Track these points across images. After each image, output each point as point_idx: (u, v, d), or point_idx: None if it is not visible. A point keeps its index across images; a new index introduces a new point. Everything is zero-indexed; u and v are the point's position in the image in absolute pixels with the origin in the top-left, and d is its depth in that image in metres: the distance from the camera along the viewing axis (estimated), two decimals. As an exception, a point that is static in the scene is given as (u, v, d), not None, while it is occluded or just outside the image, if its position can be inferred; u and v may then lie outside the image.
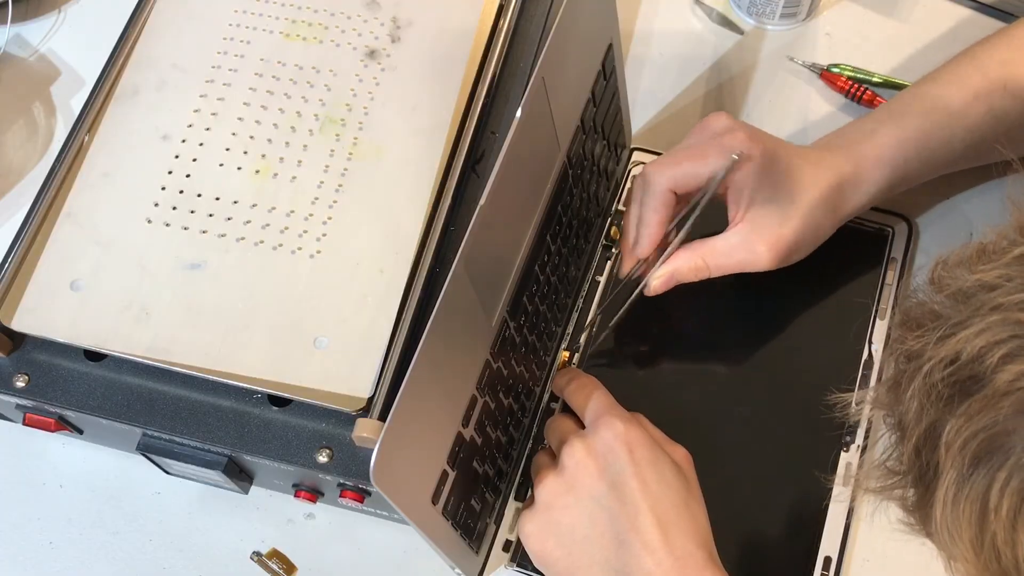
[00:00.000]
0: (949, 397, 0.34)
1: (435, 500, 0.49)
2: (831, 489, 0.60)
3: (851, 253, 0.63)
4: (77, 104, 0.75)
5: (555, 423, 0.58)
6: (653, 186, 0.56)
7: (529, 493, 0.60)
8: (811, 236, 0.58)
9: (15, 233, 0.56)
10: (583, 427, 0.55)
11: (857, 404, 0.42)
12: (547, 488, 0.53)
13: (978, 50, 0.60)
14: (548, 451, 0.58)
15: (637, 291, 0.59)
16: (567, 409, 0.59)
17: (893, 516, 0.40)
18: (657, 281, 0.58)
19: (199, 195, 0.57)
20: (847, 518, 0.59)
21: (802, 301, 0.64)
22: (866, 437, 0.60)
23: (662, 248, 0.58)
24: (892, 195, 0.61)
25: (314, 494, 0.58)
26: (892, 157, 0.58)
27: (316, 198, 0.57)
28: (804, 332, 0.64)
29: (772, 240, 0.56)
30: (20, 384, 0.54)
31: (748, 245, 0.56)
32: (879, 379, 0.42)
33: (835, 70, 0.73)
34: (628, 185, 0.70)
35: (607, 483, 0.51)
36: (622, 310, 0.61)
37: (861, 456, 0.58)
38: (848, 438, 0.60)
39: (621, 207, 0.69)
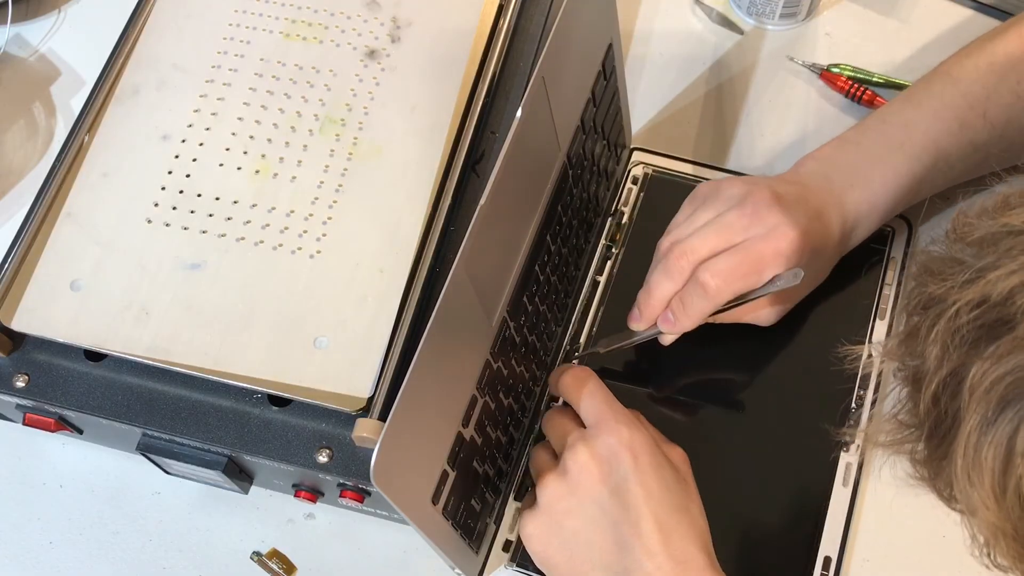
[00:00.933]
0: (975, 340, 0.34)
1: (435, 500, 0.49)
2: (831, 489, 0.60)
3: (851, 253, 0.63)
4: (77, 104, 0.75)
5: (554, 418, 0.57)
6: (714, 298, 0.54)
7: (529, 491, 0.60)
8: (812, 287, 0.61)
9: (15, 233, 0.56)
10: (581, 423, 0.55)
11: (868, 356, 0.42)
12: (550, 490, 0.53)
13: (960, 72, 0.60)
14: (547, 447, 0.57)
15: (644, 338, 0.59)
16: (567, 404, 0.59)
17: (893, 516, 0.40)
18: (672, 339, 0.59)
19: (199, 195, 0.57)
20: (847, 518, 0.59)
21: (802, 302, 0.64)
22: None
23: None
24: None
25: (314, 494, 0.58)
26: (885, 203, 0.60)
27: (316, 198, 0.57)
28: (804, 333, 0.64)
29: (779, 309, 0.60)
30: (20, 384, 0.54)
31: (755, 310, 0.59)
32: (888, 335, 0.41)
33: (835, 70, 0.73)
34: (628, 185, 0.69)
35: (610, 488, 0.51)
36: (622, 344, 0.61)
37: (869, 415, 0.57)
38: (848, 438, 0.60)
39: (622, 207, 0.69)
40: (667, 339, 0.59)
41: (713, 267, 0.54)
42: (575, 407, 0.56)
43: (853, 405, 0.55)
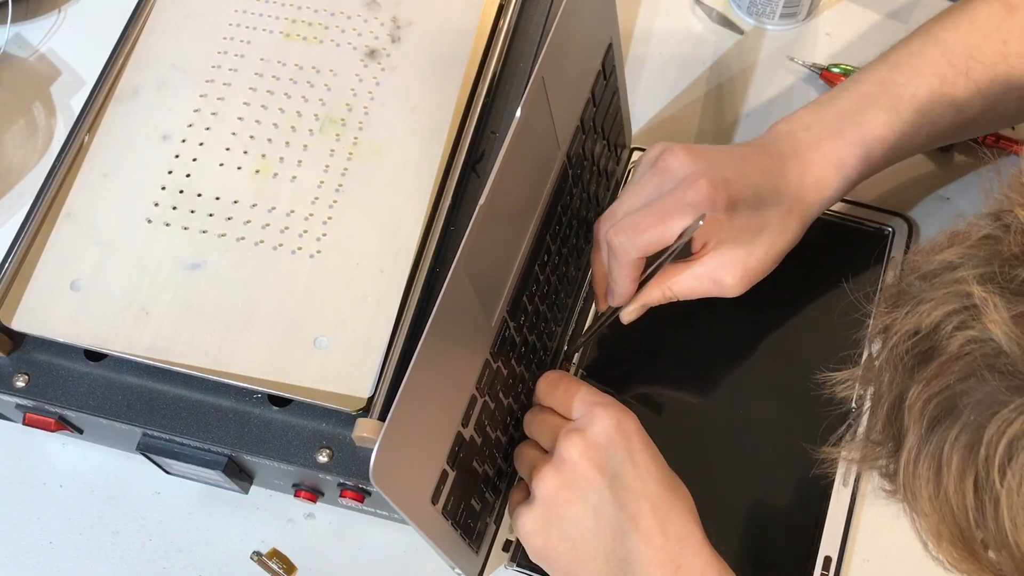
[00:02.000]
0: (912, 367, 0.37)
1: (435, 500, 0.49)
2: (831, 489, 0.60)
3: (851, 252, 0.63)
4: (77, 104, 0.75)
5: (537, 416, 0.57)
6: (622, 253, 0.54)
7: (514, 488, 0.59)
8: (778, 255, 0.57)
9: (15, 233, 0.56)
10: (564, 419, 0.55)
11: (843, 383, 0.44)
12: (548, 483, 0.53)
13: (940, 32, 0.58)
14: (532, 444, 0.57)
15: (609, 319, 0.59)
16: None
17: (893, 516, 0.41)
18: (629, 316, 0.58)
19: (199, 195, 0.57)
20: (847, 518, 0.59)
21: (801, 302, 0.64)
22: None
23: None
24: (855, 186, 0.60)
25: (314, 494, 0.58)
26: (855, 160, 0.57)
27: (316, 198, 0.57)
28: (803, 333, 0.64)
29: (739, 273, 0.56)
30: (20, 384, 0.54)
31: (714, 277, 0.56)
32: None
33: (835, 70, 0.73)
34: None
35: (609, 475, 0.51)
36: (593, 332, 0.62)
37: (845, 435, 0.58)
38: (848, 439, 0.60)
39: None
40: (627, 316, 0.58)
41: (617, 224, 0.54)
42: (559, 404, 0.56)
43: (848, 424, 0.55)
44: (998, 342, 0.34)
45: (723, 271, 0.55)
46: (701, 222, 0.51)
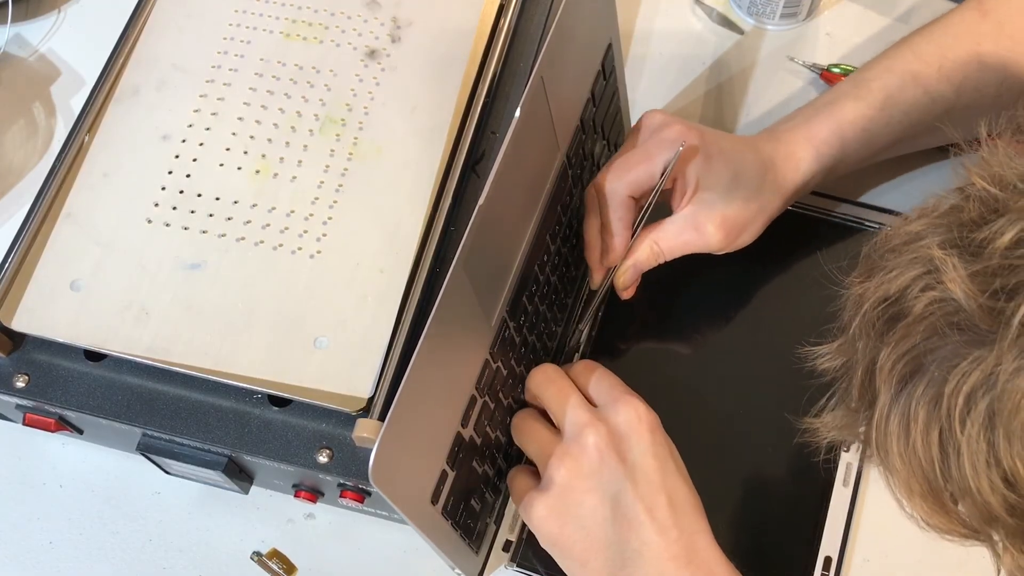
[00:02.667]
0: (882, 331, 0.39)
1: (435, 500, 0.49)
2: (831, 489, 0.60)
3: (852, 253, 0.63)
4: (77, 104, 0.75)
5: (556, 389, 0.56)
6: (613, 196, 0.58)
7: (516, 470, 0.58)
8: (757, 215, 0.59)
9: (15, 233, 0.56)
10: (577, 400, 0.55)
11: (824, 356, 0.46)
12: (566, 469, 0.52)
13: (915, 37, 0.62)
14: (536, 415, 0.56)
15: (606, 291, 0.60)
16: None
17: (893, 516, 0.42)
18: (624, 277, 0.59)
19: (199, 195, 0.57)
20: (847, 518, 0.59)
21: (799, 300, 0.64)
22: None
23: None
24: (837, 176, 0.63)
25: (314, 494, 0.58)
26: (827, 137, 0.60)
27: (316, 198, 0.57)
28: (800, 331, 0.63)
29: (718, 220, 0.58)
30: (20, 384, 0.54)
31: (696, 225, 0.58)
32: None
33: (836, 70, 0.73)
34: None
35: (630, 465, 0.52)
36: (593, 308, 0.62)
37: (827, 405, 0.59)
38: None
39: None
40: (620, 280, 0.59)
41: (605, 170, 0.58)
42: (584, 385, 0.56)
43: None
44: (958, 300, 0.36)
45: (703, 218, 0.58)
46: (681, 148, 0.55)
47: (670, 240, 0.59)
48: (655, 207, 0.58)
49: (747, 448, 0.61)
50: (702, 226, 0.58)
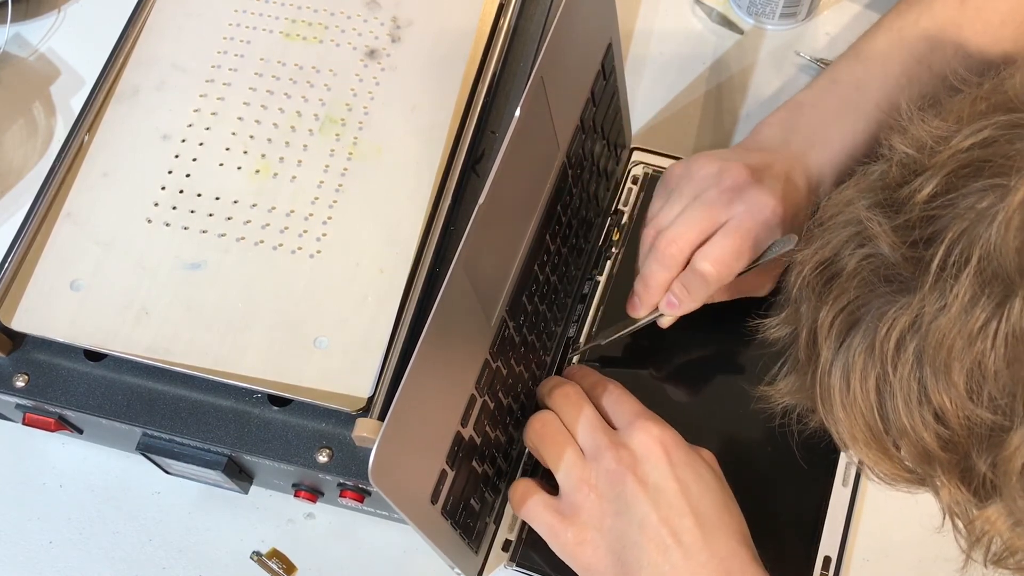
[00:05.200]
0: (820, 293, 0.42)
1: (434, 500, 0.49)
2: (831, 489, 0.60)
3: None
4: (77, 104, 0.75)
5: (576, 411, 0.56)
6: (715, 282, 0.56)
7: (523, 481, 0.57)
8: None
9: (15, 233, 0.56)
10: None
11: (773, 326, 0.48)
12: (593, 496, 0.53)
13: (900, 24, 0.61)
14: (565, 432, 0.56)
15: (644, 324, 0.60)
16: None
17: (893, 516, 0.42)
18: (670, 320, 0.59)
19: (199, 195, 0.57)
20: (847, 518, 0.59)
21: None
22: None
23: None
24: None
25: (314, 494, 0.58)
26: (844, 161, 0.60)
27: (316, 198, 0.57)
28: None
29: (773, 275, 0.60)
30: (20, 384, 0.54)
31: (757, 281, 0.60)
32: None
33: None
34: (628, 185, 0.69)
35: (651, 489, 0.52)
36: (622, 333, 0.61)
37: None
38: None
39: (622, 207, 0.69)
40: (665, 321, 0.59)
41: (710, 255, 0.55)
42: (604, 409, 0.57)
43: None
44: (884, 253, 0.39)
45: (765, 275, 0.60)
46: (791, 244, 0.54)
47: (723, 294, 0.59)
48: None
49: (747, 448, 0.61)
50: (757, 284, 0.60)
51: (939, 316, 0.36)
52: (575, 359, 0.64)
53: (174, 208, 0.57)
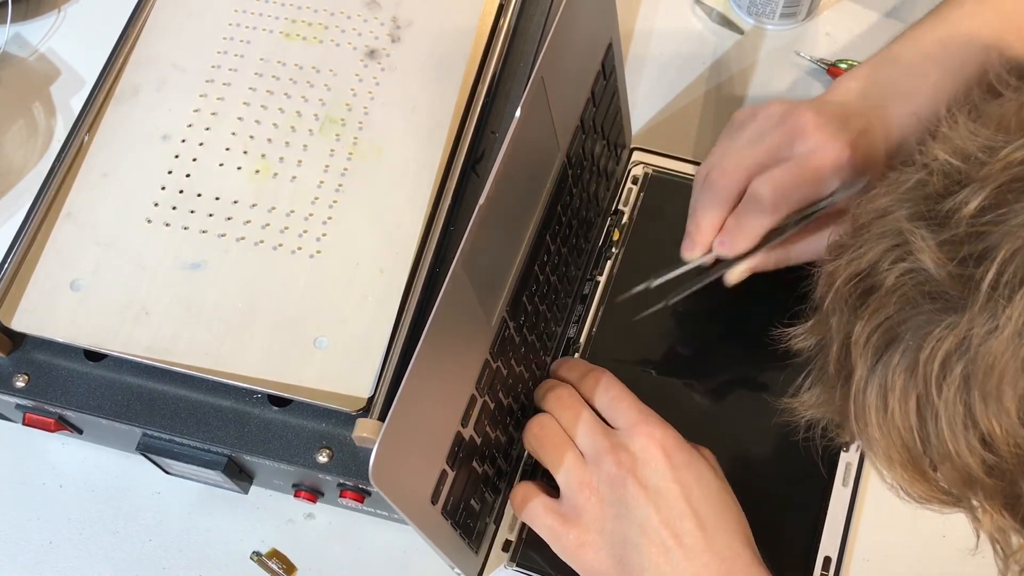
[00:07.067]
0: (855, 306, 0.40)
1: (434, 500, 0.49)
2: (831, 489, 0.60)
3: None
4: (77, 104, 0.75)
5: (572, 413, 0.56)
6: (771, 209, 0.54)
7: (524, 484, 0.57)
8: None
9: (15, 233, 0.56)
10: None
11: (798, 336, 0.46)
12: (593, 499, 0.53)
13: (963, 27, 0.59)
14: (564, 435, 0.56)
15: (707, 280, 0.57)
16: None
17: (893, 516, 0.42)
18: (737, 275, 0.56)
19: (199, 195, 0.57)
20: (847, 518, 0.59)
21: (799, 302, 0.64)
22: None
23: None
24: None
25: (314, 494, 0.58)
26: (928, 118, 0.55)
27: (316, 198, 0.57)
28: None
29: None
30: (20, 384, 0.54)
31: (816, 245, 0.56)
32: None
33: (843, 66, 0.73)
34: (628, 185, 0.69)
35: (651, 491, 0.52)
36: (688, 292, 0.58)
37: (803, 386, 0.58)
38: (848, 437, 0.60)
39: (622, 207, 0.69)
40: (733, 276, 0.56)
41: (769, 178, 0.53)
42: (602, 407, 0.56)
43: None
44: (928, 269, 0.36)
45: (823, 238, 0.55)
46: (860, 186, 0.52)
47: (802, 255, 0.56)
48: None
49: (746, 448, 0.61)
50: (822, 246, 0.55)
51: (989, 338, 0.34)
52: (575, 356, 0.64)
53: (174, 208, 0.57)
